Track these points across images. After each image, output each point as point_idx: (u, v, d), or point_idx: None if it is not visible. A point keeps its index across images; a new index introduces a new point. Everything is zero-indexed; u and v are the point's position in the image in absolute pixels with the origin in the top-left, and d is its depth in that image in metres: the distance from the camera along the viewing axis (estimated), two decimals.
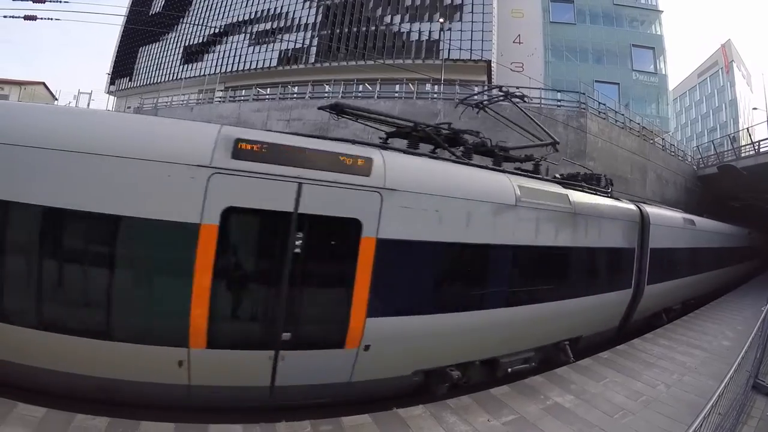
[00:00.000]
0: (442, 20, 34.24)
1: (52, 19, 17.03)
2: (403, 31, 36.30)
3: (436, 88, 25.79)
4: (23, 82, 43.26)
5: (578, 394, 6.05)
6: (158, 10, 49.11)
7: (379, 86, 28.04)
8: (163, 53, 48.15)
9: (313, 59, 37.59)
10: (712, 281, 14.84)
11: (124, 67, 50.78)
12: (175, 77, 44.63)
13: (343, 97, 25.41)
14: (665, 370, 7.32)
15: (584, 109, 20.25)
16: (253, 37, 40.91)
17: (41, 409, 4.04)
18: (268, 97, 29.00)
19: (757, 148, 23.63)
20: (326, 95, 26.28)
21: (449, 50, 32.48)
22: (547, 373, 6.79)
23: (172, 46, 47.62)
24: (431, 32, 35.03)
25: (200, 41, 44.63)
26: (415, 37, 35.71)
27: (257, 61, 40.19)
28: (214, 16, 45.16)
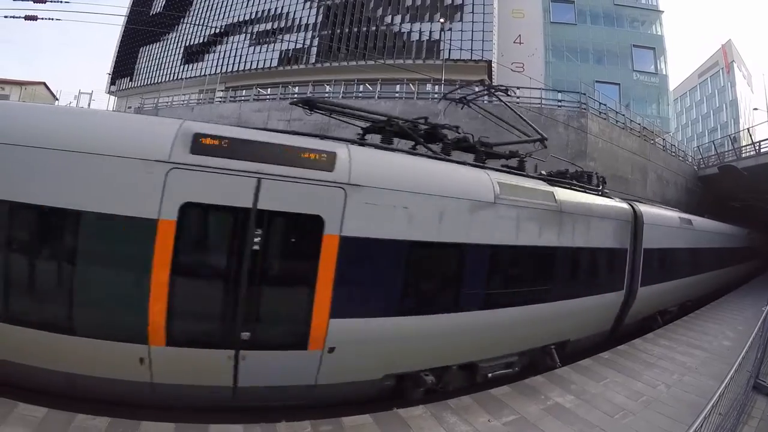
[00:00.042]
0: (442, 20, 34.30)
1: (52, 19, 17.03)
2: (403, 31, 36.36)
3: (436, 88, 25.79)
4: (24, 82, 43.35)
5: (579, 394, 6.05)
6: (159, 10, 49.28)
7: (379, 86, 28.11)
8: (163, 53, 48.21)
9: (313, 59, 37.68)
10: (709, 282, 14.50)
11: (124, 67, 50.85)
12: (175, 77, 44.67)
13: (343, 97, 25.46)
14: (666, 370, 7.31)
15: (585, 109, 20.25)
16: (253, 37, 40.96)
17: (42, 409, 4.04)
18: (268, 97, 29.09)
19: (757, 148, 23.63)
20: (327, 95, 26.32)
21: (450, 50, 32.54)
22: (547, 373, 6.77)
23: (172, 46, 47.68)
24: (432, 32, 35.09)
25: (201, 41, 44.66)
26: (415, 37, 35.77)
27: (258, 61, 40.26)
28: (214, 16, 45.23)
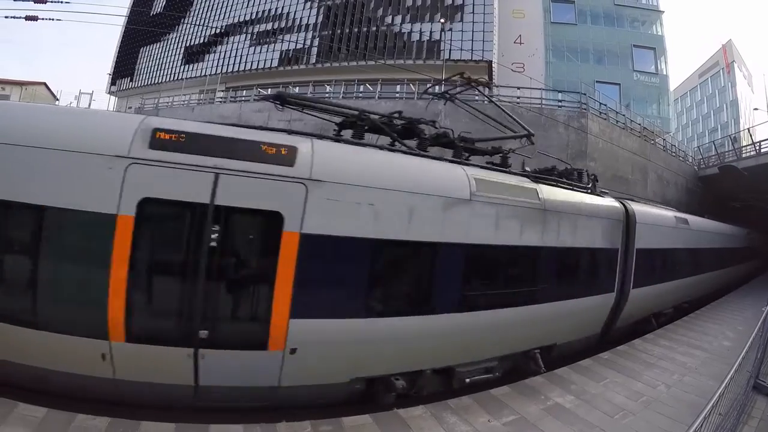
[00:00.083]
0: (443, 21, 34.23)
1: (53, 19, 17.02)
2: (404, 31, 36.33)
3: (436, 88, 25.73)
4: (24, 82, 43.37)
5: (578, 394, 6.05)
6: (159, 10, 49.22)
7: (380, 86, 28.10)
8: (164, 54, 48.15)
9: (314, 60, 37.64)
10: (706, 284, 14.19)
11: (125, 67, 50.80)
12: (176, 77, 44.63)
13: (344, 97, 25.48)
14: (666, 370, 7.31)
15: (585, 109, 20.27)
16: (254, 37, 40.91)
17: (42, 409, 4.05)
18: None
19: (758, 148, 23.66)
20: (327, 95, 26.30)
21: (450, 51, 32.46)
22: (547, 373, 6.77)
23: (173, 46, 47.62)
24: (432, 33, 35.06)
25: (201, 42, 44.59)
26: (416, 37, 35.75)
27: (258, 61, 40.20)
28: (214, 16, 45.18)
